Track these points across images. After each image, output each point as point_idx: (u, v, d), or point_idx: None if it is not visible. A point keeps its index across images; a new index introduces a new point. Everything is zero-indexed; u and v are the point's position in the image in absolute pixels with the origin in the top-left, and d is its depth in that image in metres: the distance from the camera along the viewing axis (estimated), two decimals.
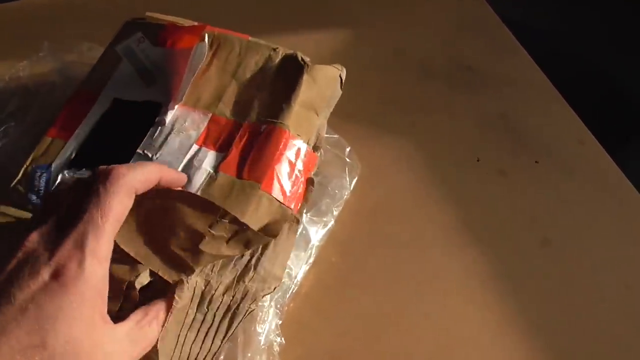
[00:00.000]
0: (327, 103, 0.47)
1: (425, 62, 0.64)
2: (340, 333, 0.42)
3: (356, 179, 0.50)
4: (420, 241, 0.49)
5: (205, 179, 0.40)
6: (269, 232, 0.38)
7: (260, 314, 0.38)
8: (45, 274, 0.24)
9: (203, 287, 0.35)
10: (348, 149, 0.51)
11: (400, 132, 0.56)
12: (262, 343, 0.37)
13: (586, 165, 0.55)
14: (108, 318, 0.26)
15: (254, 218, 0.39)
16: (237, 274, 0.37)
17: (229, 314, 0.36)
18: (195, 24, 0.48)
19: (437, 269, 0.47)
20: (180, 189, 0.37)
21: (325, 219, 0.46)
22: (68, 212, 0.26)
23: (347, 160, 0.50)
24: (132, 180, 0.28)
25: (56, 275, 0.24)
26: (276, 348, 0.39)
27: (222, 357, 0.37)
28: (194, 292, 0.35)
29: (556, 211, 0.52)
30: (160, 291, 0.33)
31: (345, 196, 0.48)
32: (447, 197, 0.52)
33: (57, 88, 0.50)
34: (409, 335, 0.43)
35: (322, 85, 0.46)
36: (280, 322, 0.40)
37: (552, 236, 0.50)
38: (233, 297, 0.36)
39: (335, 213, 0.47)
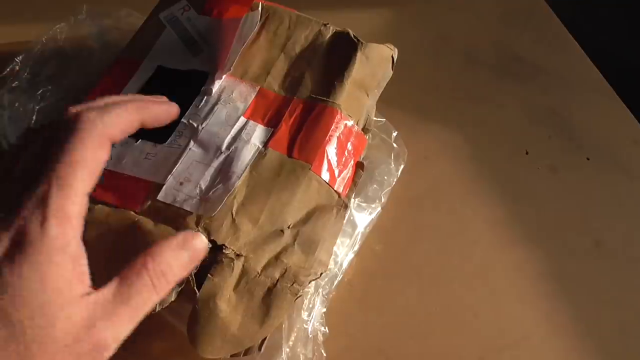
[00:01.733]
0: (377, 84, 0.44)
1: (471, 49, 0.61)
2: (384, 326, 0.40)
3: (403, 165, 0.47)
4: (467, 235, 0.46)
5: (254, 154, 0.37)
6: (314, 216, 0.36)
7: (306, 301, 0.36)
8: (4, 239, 0.21)
9: (241, 267, 0.33)
10: (395, 134, 0.48)
11: (446, 120, 0.53)
12: (309, 331, 0.35)
13: None
14: (88, 282, 0.22)
15: (303, 201, 0.36)
16: (276, 254, 0.34)
17: (270, 296, 0.33)
18: None
19: (485, 264, 0.45)
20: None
21: (373, 206, 0.43)
22: (34, 164, 0.23)
23: (394, 145, 0.47)
24: (105, 128, 0.23)
25: (16, 239, 0.21)
26: (320, 338, 0.36)
27: (264, 343, 0.34)
28: (232, 272, 0.33)
29: (609, 212, 0.49)
30: None
31: (393, 183, 0.45)
32: (495, 191, 0.49)
33: (95, 53, 0.47)
34: (457, 334, 0.41)
35: (375, 65, 0.43)
36: (325, 310, 0.38)
37: (605, 238, 0.48)
38: (271, 276, 0.34)
39: (384, 200, 0.44)
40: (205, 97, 0.40)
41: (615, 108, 0.58)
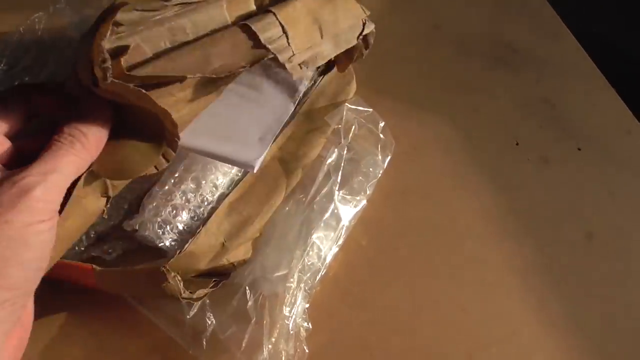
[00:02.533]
0: (336, 35, 0.38)
1: (465, 39, 0.59)
2: (369, 322, 0.39)
3: (389, 157, 0.46)
4: (456, 228, 0.45)
5: None
6: None
7: (288, 296, 0.35)
8: None
9: None
10: (382, 124, 0.47)
11: (437, 110, 0.52)
12: (290, 327, 0.34)
13: (634, 157, 0.51)
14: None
15: None
16: None
17: None
18: None
19: (474, 258, 0.44)
20: None
21: (357, 198, 0.42)
22: None
23: (381, 136, 0.46)
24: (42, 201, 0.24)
25: None
26: (303, 334, 0.35)
27: (245, 338, 0.33)
28: None
29: (601, 203, 0.48)
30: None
31: (379, 175, 0.44)
32: (485, 182, 0.48)
33: (74, 43, 0.46)
34: (445, 330, 0.40)
35: (339, 11, 0.38)
36: (307, 305, 0.37)
37: (596, 230, 0.46)
38: None
39: (369, 192, 0.43)
40: None
41: (608, 98, 0.57)
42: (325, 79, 0.47)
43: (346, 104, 0.46)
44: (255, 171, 0.37)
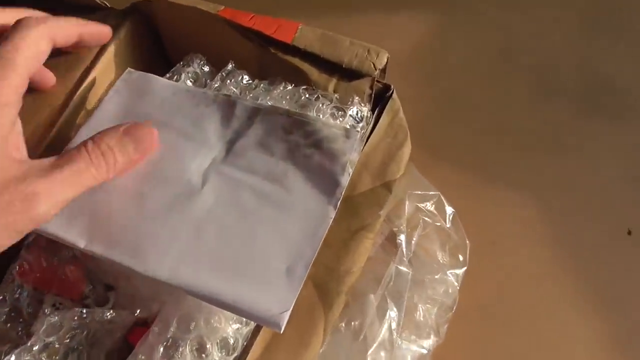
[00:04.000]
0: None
1: (544, 72, 0.45)
2: None
3: (465, 268, 0.32)
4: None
5: None
6: None
7: None
8: None
9: None
10: (450, 213, 0.34)
11: (515, 181, 0.39)
12: None
13: None
14: (24, 152, 0.25)
15: None
16: None
17: None
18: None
19: None
20: None
21: (424, 343, 0.29)
22: None
23: (452, 234, 0.33)
24: (47, 28, 0.26)
25: None
26: None
27: None
28: None
29: None
30: None
31: (453, 305, 0.31)
32: (590, 294, 0.35)
33: None
34: None
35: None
36: None
37: None
38: None
39: (440, 330, 0.30)
40: None
41: None
42: (371, 142, 0.33)
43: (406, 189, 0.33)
44: (282, 331, 0.24)
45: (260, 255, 0.26)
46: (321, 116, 0.32)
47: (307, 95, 0.34)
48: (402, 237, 0.31)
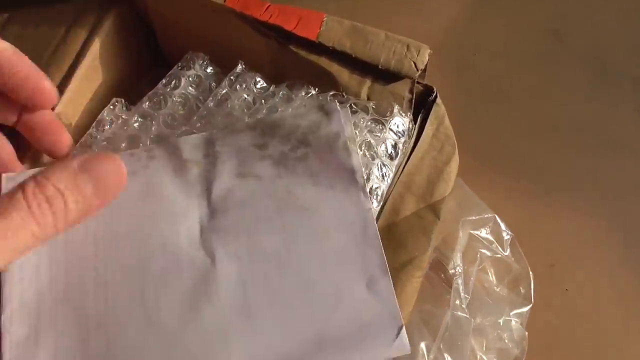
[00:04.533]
0: None
1: (604, 57, 0.39)
2: None
3: (529, 306, 0.27)
4: None
5: None
6: None
7: None
8: None
9: None
10: (507, 237, 0.28)
11: (574, 191, 0.33)
12: None
13: None
14: None
15: None
16: None
17: None
18: None
19: None
20: None
21: None
22: None
23: (513, 263, 0.28)
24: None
25: None
26: None
27: None
28: None
29: None
30: None
31: (524, 354, 0.26)
32: None
33: None
34: None
35: None
36: None
37: None
38: None
39: None
40: None
41: None
42: (414, 159, 0.28)
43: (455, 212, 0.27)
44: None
45: (329, 295, 0.22)
46: (357, 133, 0.26)
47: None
48: (460, 281, 0.25)
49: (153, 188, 0.23)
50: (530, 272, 0.28)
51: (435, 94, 0.30)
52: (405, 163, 0.28)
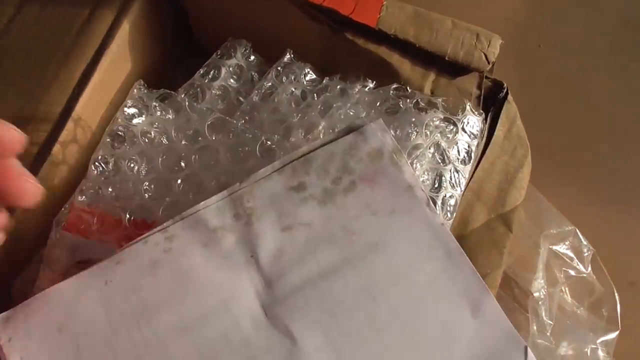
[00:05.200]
0: None
1: None
2: None
3: (616, 333, 0.24)
4: None
5: None
6: None
7: None
8: None
9: None
10: (588, 254, 0.25)
11: None
12: None
13: None
14: None
15: None
16: None
17: None
18: None
19: None
20: None
21: None
22: None
23: (595, 284, 0.25)
24: None
25: None
26: None
27: None
28: None
29: None
30: None
31: None
32: None
33: None
34: None
35: None
36: None
37: None
38: None
39: None
40: None
41: None
42: (485, 163, 0.25)
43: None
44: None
45: (436, 338, 0.18)
46: (428, 134, 0.23)
47: (399, 100, 0.24)
48: (542, 305, 0.22)
49: (184, 277, 0.19)
50: (616, 294, 0.25)
51: (505, 90, 0.26)
52: (475, 168, 0.25)
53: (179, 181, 0.21)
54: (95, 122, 0.26)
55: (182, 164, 0.22)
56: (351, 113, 0.23)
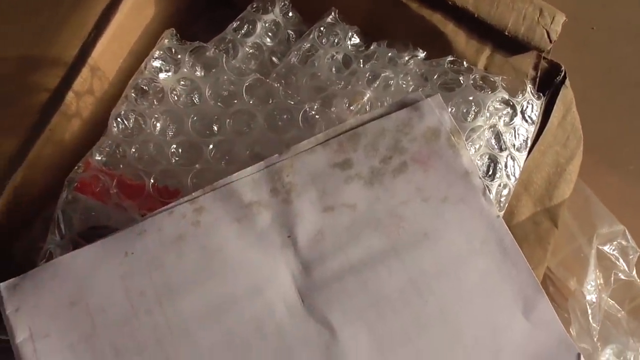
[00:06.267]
0: None
1: None
2: None
3: None
4: None
5: None
6: None
7: None
8: None
9: None
10: (633, 257, 0.24)
11: None
12: None
13: None
14: None
15: None
16: None
17: None
18: None
19: None
20: None
21: None
22: None
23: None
24: None
25: None
26: None
27: None
28: None
29: None
30: None
31: None
32: None
33: None
34: None
35: None
36: None
37: None
38: None
39: None
40: None
41: None
42: (536, 152, 0.23)
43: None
44: None
45: (485, 337, 0.17)
46: (488, 116, 0.21)
47: (459, 75, 0.22)
48: (590, 310, 0.21)
49: (215, 255, 0.17)
50: None
51: (563, 73, 0.24)
52: (527, 156, 0.23)
53: (211, 146, 0.19)
54: (112, 72, 0.23)
55: (215, 127, 0.20)
56: (403, 85, 0.21)
